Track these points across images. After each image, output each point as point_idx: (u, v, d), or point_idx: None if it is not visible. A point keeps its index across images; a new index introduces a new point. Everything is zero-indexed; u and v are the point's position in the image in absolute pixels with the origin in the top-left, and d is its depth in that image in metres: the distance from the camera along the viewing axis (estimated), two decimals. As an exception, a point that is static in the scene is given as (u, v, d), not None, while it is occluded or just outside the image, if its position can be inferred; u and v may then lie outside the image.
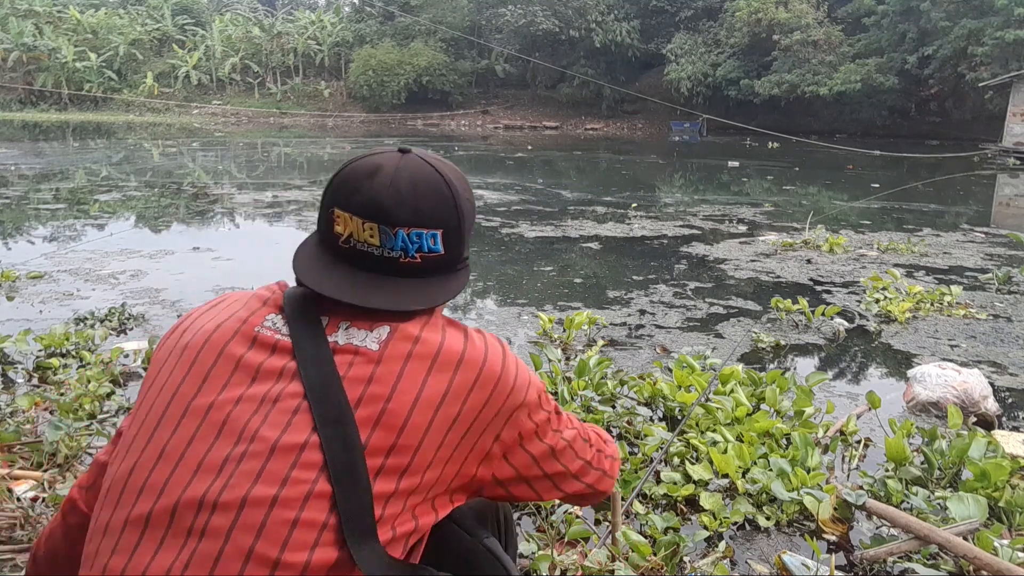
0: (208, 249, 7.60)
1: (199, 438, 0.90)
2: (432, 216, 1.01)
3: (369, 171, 1.01)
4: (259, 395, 0.92)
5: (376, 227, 0.99)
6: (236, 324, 0.99)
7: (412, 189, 1.00)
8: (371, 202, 0.99)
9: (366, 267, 1.01)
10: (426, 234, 1.01)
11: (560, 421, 1.10)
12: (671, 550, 2.17)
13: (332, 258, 1.03)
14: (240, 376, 0.94)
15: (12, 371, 3.92)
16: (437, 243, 1.02)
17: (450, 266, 1.05)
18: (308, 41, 49.46)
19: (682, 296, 5.89)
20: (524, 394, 1.01)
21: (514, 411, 1.00)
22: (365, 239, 1.00)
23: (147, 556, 0.85)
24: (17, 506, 2.28)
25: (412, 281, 1.01)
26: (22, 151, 21.10)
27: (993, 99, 28.27)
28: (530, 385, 1.03)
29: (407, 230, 0.99)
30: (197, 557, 0.83)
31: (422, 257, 1.01)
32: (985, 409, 3.50)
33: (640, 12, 41.31)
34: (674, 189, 15.02)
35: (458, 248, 1.05)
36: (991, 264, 7.31)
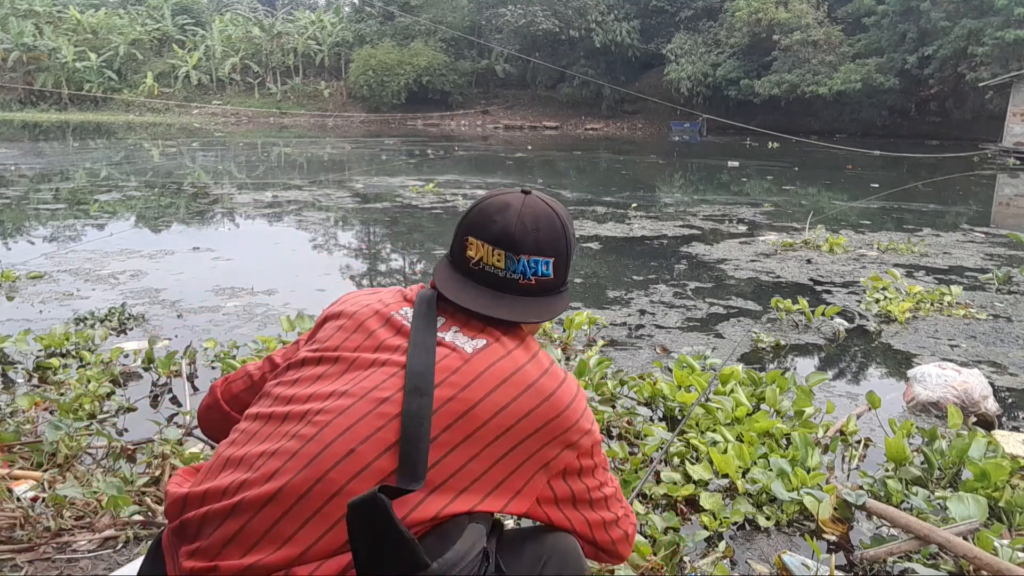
0: (208, 249, 7.60)
1: (327, 376, 1.20)
2: (548, 247, 1.26)
3: (500, 208, 1.25)
4: (374, 359, 1.19)
5: (504, 253, 1.23)
6: (379, 307, 1.28)
7: (535, 224, 1.24)
8: (501, 233, 1.23)
9: (490, 284, 1.25)
10: (542, 261, 1.25)
11: (605, 475, 1.28)
12: (671, 550, 2.17)
13: (463, 276, 1.27)
14: (369, 343, 1.22)
15: (12, 371, 3.92)
16: (549, 269, 1.26)
17: (557, 288, 1.30)
18: (308, 41, 49.46)
19: (682, 296, 5.89)
20: (579, 437, 1.19)
21: (564, 447, 1.17)
22: (493, 262, 1.24)
23: (256, 443, 1.14)
24: (17, 506, 2.28)
25: (526, 299, 1.26)
26: (22, 151, 21.10)
27: (993, 99, 28.27)
28: (589, 432, 1.21)
29: (528, 257, 1.24)
30: (283, 449, 1.10)
31: (536, 280, 1.25)
32: (985, 409, 3.50)
33: (640, 12, 41.30)
34: (674, 189, 15.03)
35: (565, 274, 1.30)
36: (991, 264, 7.31)
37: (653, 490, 2.62)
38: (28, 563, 2.10)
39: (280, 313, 5.08)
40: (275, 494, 1.05)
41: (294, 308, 5.17)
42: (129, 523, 2.28)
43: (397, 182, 14.07)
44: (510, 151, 24.31)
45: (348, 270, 7.22)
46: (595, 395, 3.52)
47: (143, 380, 3.91)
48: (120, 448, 2.81)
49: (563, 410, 1.15)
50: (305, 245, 8.25)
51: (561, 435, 1.15)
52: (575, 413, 1.17)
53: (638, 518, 2.43)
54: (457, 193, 12.27)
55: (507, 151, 24.28)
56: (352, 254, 8.07)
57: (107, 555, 2.17)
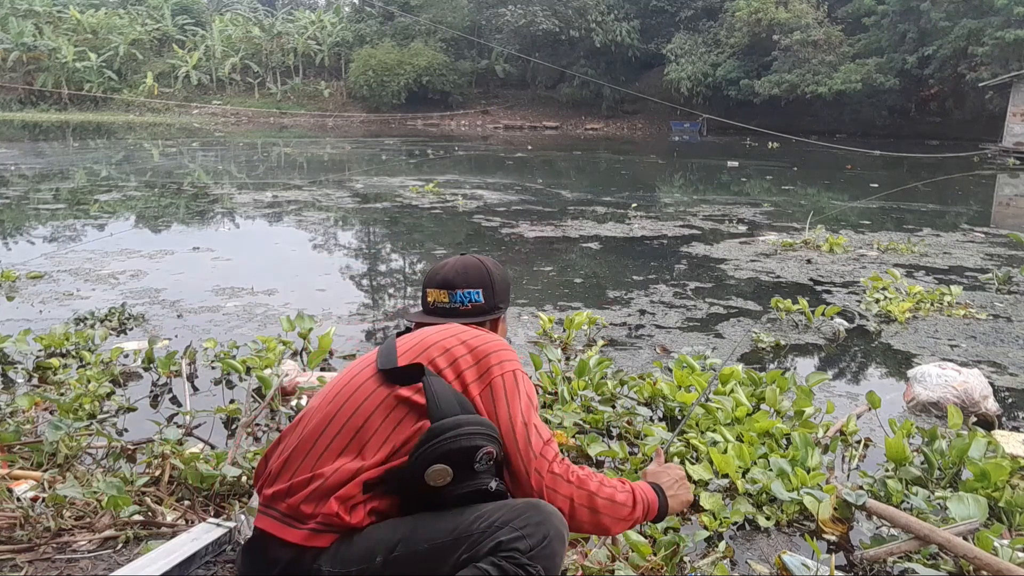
0: (208, 249, 7.60)
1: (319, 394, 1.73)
2: (474, 281, 1.85)
3: (441, 265, 1.88)
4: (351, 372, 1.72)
5: (446, 292, 1.84)
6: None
7: (464, 268, 1.86)
8: (441, 279, 1.85)
9: (442, 314, 1.84)
10: (472, 291, 1.84)
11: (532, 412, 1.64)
12: (671, 550, 2.17)
13: (424, 314, 1.88)
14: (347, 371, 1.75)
15: (12, 371, 3.92)
16: (479, 296, 1.84)
17: (488, 311, 1.86)
18: (308, 41, 49.44)
19: (682, 296, 5.89)
20: (495, 353, 1.67)
21: (483, 356, 1.65)
22: (440, 299, 1.85)
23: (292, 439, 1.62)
24: (17, 506, 2.28)
25: (465, 317, 1.82)
26: (22, 151, 21.10)
27: (993, 99, 28.26)
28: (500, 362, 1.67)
29: (462, 290, 1.83)
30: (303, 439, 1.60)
31: (472, 305, 1.84)
32: (985, 409, 3.50)
33: (640, 12, 41.28)
34: (674, 189, 15.03)
35: (492, 299, 1.86)
36: (991, 264, 7.31)
37: (653, 490, 2.61)
38: (28, 563, 2.10)
39: (280, 313, 5.08)
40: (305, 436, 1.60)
41: (294, 308, 5.17)
42: (129, 523, 2.28)
43: (397, 182, 14.07)
44: (510, 151, 24.31)
45: (348, 270, 7.22)
46: (595, 395, 3.52)
47: (143, 380, 3.91)
48: (120, 448, 2.81)
49: (481, 344, 1.66)
50: (305, 245, 8.26)
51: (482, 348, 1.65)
52: (488, 347, 1.66)
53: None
54: (457, 193, 12.27)
55: (507, 151, 24.28)
56: (352, 254, 8.07)
57: (107, 555, 2.17)
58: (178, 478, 2.57)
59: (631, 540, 2.15)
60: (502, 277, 1.89)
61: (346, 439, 1.53)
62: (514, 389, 1.59)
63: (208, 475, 2.52)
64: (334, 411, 1.57)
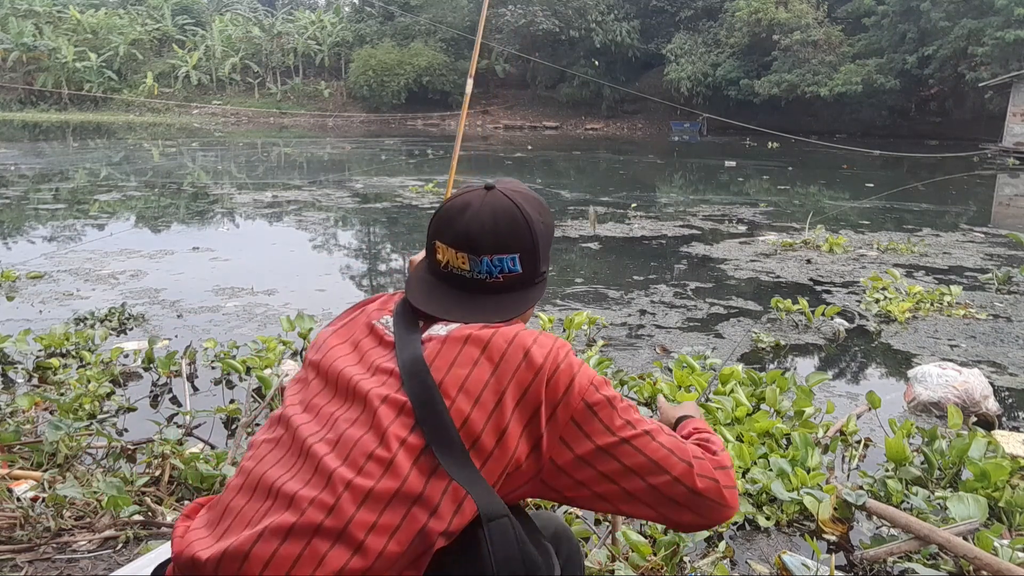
0: (208, 249, 7.60)
1: (322, 393, 1.16)
2: (510, 242, 1.21)
3: (460, 208, 1.22)
4: (365, 367, 1.16)
5: (466, 256, 1.21)
6: (364, 318, 1.26)
7: (493, 221, 1.20)
8: (461, 235, 1.20)
9: (460, 287, 1.22)
10: (506, 258, 1.21)
11: (628, 410, 1.12)
12: (671, 550, 2.17)
13: (434, 280, 1.25)
14: (355, 355, 1.20)
15: (12, 371, 3.92)
16: (516, 264, 1.22)
17: (528, 281, 1.25)
18: (308, 41, 49.42)
19: (682, 296, 5.89)
20: (568, 373, 1.09)
21: (561, 392, 1.08)
22: (459, 265, 1.21)
23: (267, 464, 1.09)
24: (17, 506, 2.28)
25: (498, 296, 1.23)
26: (22, 151, 21.10)
27: (993, 99, 28.26)
28: (581, 368, 1.12)
29: (491, 256, 1.20)
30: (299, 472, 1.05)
31: (504, 277, 1.22)
32: (986, 409, 3.50)
33: (640, 12, 41.28)
34: (673, 189, 15.02)
35: (534, 266, 1.24)
36: (991, 264, 7.31)
37: (653, 490, 2.61)
38: (28, 563, 2.10)
39: (280, 313, 5.08)
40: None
41: (294, 308, 5.17)
42: (129, 523, 2.28)
43: (397, 182, 14.07)
44: (510, 151, 24.31)
45: (348, 270, 7.22)
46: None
47: (143, 380, 3.91)
48: (120, 448, 2.81)
49: (549, 353, 1.10)
50: (305, 245, 8.25)
51: (552, 376, 1.08)
52: (555, 353, 1.10)
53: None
54: (457, 193, 12.25)
55: (507, 151, 24.28)
56: (352, 254, 8.07)
57: (107, 555, 2.17)
58: (178, 478, 2.57)
59: (631, 540, 2.15)
60: (546, 227, 1.27)
61: None
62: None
63: (208, 475, 2.52)
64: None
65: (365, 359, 1.17)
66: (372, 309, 1.27)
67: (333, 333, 1.26)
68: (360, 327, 1.24)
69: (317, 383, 1.18)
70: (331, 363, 1.18)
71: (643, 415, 1.14)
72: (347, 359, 1.19)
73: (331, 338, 1.24)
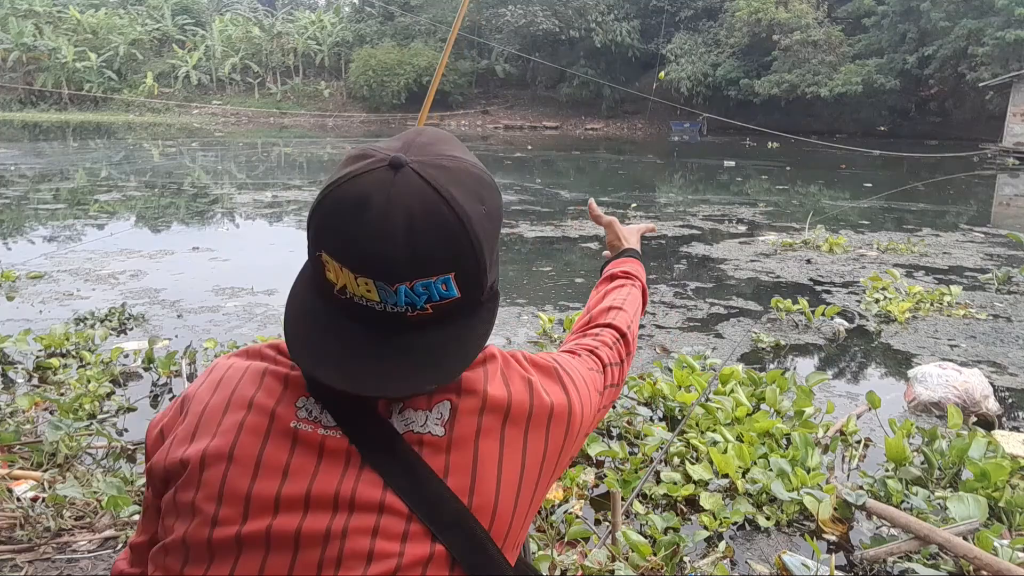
0: (208, 249, 7.59)
1: (268, 566, 0.74)
2: (438, 259, 0.77)
3: (355, 205, 0.76)
4: (328, 508, 0.76)
5: (372, 283, 0.77)
6: (263, 421, 0.79)
7: (408, 230, 0.75)
8: (361, 253, 0.76)
9: (368, 322, 0.80)
10: (434, 283, 0.78)
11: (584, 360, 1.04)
12: (671, 550, 2.17)
13: (328, 311, 0.82)
14: (293, 489, 0.76)
15: (12, 371, 3.92)
16: (451, 288, 0.79)
17: (472, 306, 0.83)
18: (308, 41, 49.44)
19: (682, 296, 5.88)
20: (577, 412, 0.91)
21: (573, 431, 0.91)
22: (362, 294, 0.78)
23: None
24: (17, 506, 2.28)
25: (425, 337, 0.80)
26: (22, 151, 21.10)
27: (993, 99, 28.28)
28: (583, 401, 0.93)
29: (409, 284, 0.77)
30: None
31: (433, 308, 0.79)
32: (986, 409, 3.50)
33: (640, 12, 41.30)
34: (673, 189, 15.02)
35: (477, 284, 0.82)
36: (991, 264, 7.31)
37: (653, 490, 2.62)
38: (28, 563, 2.10)
39: (280, 313, 5.07)
40: None
41: (294, 308, 5.16)
42: (129, 523, 2.28)
43: (397, 182, 14.05)
44: (510, 151, 24.30)
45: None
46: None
47: (143, 380, 3.91)
48: (120, 448, 2.81)
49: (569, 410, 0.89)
50: (305, 245, 8.25)
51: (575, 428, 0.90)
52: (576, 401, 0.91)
53: (638, 518, 2.43)
54: (457, 193, 12.26)
55: (507, 151, 24.28)
56: (352, 254, 8.07)
57: (107, 555, 2.17)
58: (178, 478, 2.56)
59: (631, 540, 2.15)
60: (490, 217, 0.82)
61: None
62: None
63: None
64: None
65: (319, 494, 0.75)
66: (260, 398, 0.81)
67: (217, 462, 0.78)
68: (274, 444, 0.78)
69: (250, 558, 0.74)
70: (272, 523, 0.75)
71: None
72: (295, 503, 0.75)
73: (231, 473, 0.77)
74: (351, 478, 0.76)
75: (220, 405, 0.82)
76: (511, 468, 0.80)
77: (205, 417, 0.82)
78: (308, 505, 0.75)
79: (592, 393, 0.96)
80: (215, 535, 0.75)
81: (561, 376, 0.91)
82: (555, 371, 0.91)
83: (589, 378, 0.98)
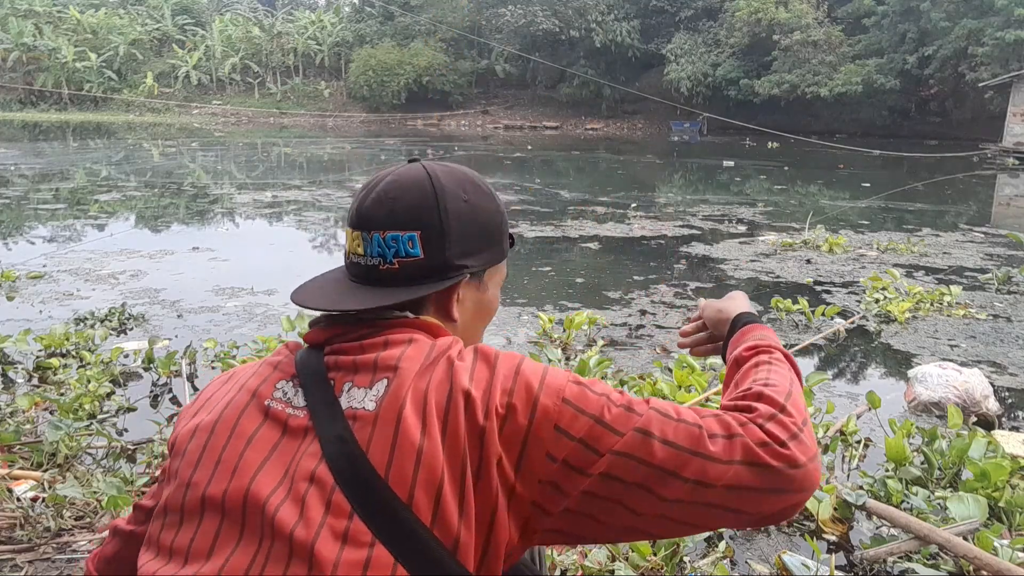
0: (208, 249, 7.60)
1: (223, 533, 0.80)
2: (408, 217, 0.91)
3: (372, 183, 0.96)
4: (277, 479, 0.81)
5: (360, 234, 0.93)
6: (246, 397, 0.89)
7: (395, 191, 0.92)
8: (358, 210, 0.94)
9: (355, 276, 0.95)
10: (402, 236, 0.91)
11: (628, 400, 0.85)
12: (671, 550, 2.17)
13: (333, 274, 1.01)
14: (254, 455, 0.83)
15: (12, 371, 3.92)
16: (415, 246, 0.91)
17: (435, 272, 0.92)
18: (308, 41, 49.45)
19: (682, 296, 5.89)
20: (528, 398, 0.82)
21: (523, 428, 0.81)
22: (354, 249, 0.94)
23: None
24: (17, 506, 2.28)
25: (388, 291, 0.91)
26: (22, 151, 21.10)
27: (993, 99, 28.27)
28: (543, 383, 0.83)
29: (382, 233, 0.91)
30: None
31: (400, 263, 0.91)
32: (986, 409, 3.50)
33: (640, 12, 41.32)
34: (673, 189, 15.02)
35: (442, 252, 0.91)
36: (991, 264, 7.31)
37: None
38: (28, 563, 2.10)
39: (280, 313, 5.08)
40: None
41: (294, 308, 5.17)
42: (129, 523, 2.28)
43: (397, 182, 14.05)
44: (510, 151, 24.31)
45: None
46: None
47: (143, 380, 3.91)
48: (120, 448, 2.81)
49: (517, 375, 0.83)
50: (305, 245, 8.26)
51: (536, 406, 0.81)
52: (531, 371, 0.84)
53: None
54: (457, 193, 12.25)
55: (507, 151, 24.28)
56: (352, 254, 8.07)
57: (107, 555, 2.17)
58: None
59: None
60: (472, 208, 0.95)
61: None
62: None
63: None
64: None
65: (273, 466, 0.81)
66: (250, 382, 0.91)
67: (202, 433, 0.87)
68: (248, 415, 0.86)
69: (209, 522, 0.81)
70: (228, 487, 0.81)
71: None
72: (250, 469, 0.82)
73: (211, 442, 0.86)
74: (301, 452, 0.82)
75: (223, 389, 0.94)
76: (432, 450, 0.78)
77: (209, 399, 0.94)
78: (260, 471, 0.81)
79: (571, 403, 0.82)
80: (187, 497, 0.84)
81: (498, 362, 0.85)
82: (502, 359, 0.86)
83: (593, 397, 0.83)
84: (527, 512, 0.81)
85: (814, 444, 0.84)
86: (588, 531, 0.83)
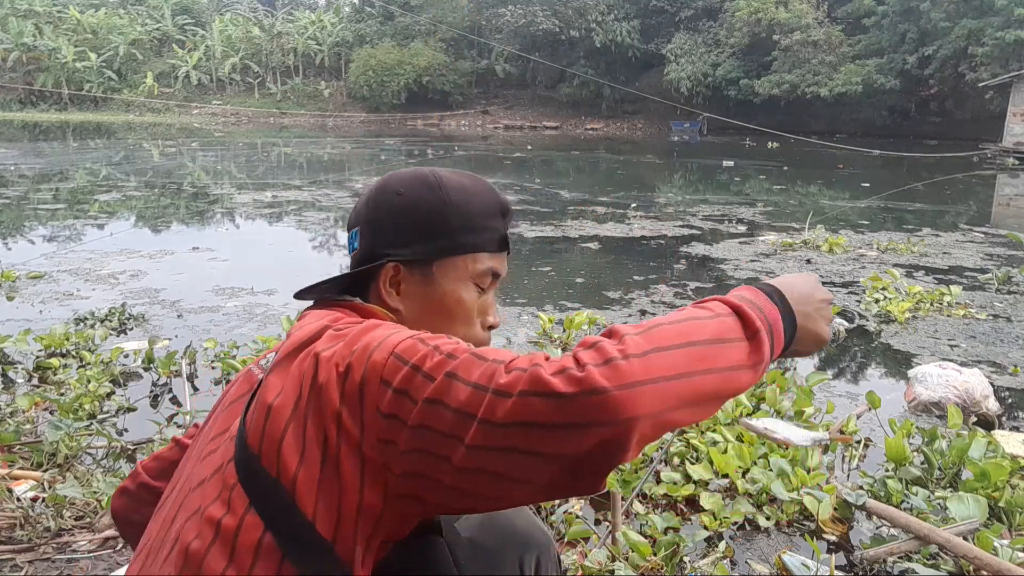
0: (208, 249, 7.60)
1: (189, 462, 0.97)
2: (356, 215, 1.06)
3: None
4: (223, 430, 0.93)
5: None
6: (244, 369, 1.03)
7: (367, 194, 1.06)
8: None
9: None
10: (355, 232, 1.06)
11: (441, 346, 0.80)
12: (671, 550, 2.17)
13: None
14: (224, 414, 0.96)
15: (12, 371, 3.92)
16: (357, 240, 1.05)
17: (366, 262, 1.03)
18: (308, 41, 49.45)
19: (682, 296, 5.88)
20: (361, 356, 0.81)
21: (357, 381, 0.80)
22: None
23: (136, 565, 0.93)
24: (17, 506, 2.28)
25: (341, 281, 1.06)
26: (22, 151, 21.10)
27: (993, 99, 28.28)
28: (383, 342, 0.82)
29: (348, 232, 1.09)
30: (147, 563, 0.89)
31: (353, 255, 1.06)
32: (986, 409, 3.50)
33: (640, 12, 41.33)
34: (673, 189, 15.02)
35: (371, 243, 1.02)
36: (991, 264, 7.31)
37: (653, 490, 2.62)
38: (28, 563, 2.10)
39: (280, 313, 5.08)
40: None
41: (294, 308, 5.17)
42: (129, 523, 2.28)
43: (397, 182, 14.04)
44: (510, 151, 24.31)
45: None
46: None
47: (143, 380, 3.91)
48: (120, 448, 2.81)
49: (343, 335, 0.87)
50: (305, 245, 8.26)
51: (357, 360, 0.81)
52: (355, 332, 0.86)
53: (638, 518, 2.43)
54: (457, 193, 12.24)
55: (507, 151, 24.28)
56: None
57: (107, 555, 2.17)
58: (178, 478, 2.56)
59: (631, 540, 2.15)
60: (406, 201, 1.00)
61: None
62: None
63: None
64: None
65: (225, 416, 0.95)
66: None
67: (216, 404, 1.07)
68: (237, 380, 1.01)
69: (184, 467, 0.98)
70: (204, 427, 0.99)
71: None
72: (214, 420, 0.97)
73: (221, 398, 1.04)
74: (240, 410, 0.93)
75: None
76: (280, 406, 0.83)
77: None
78: (215, 421, 0.95)
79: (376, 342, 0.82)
80: (185, 455, 1.00)
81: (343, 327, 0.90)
82: (364, 326, 0.87)
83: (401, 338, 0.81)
84: (383, 476, 0.79)
85: (645, 373, 0.68)
86: (430, 494, 0.77)
